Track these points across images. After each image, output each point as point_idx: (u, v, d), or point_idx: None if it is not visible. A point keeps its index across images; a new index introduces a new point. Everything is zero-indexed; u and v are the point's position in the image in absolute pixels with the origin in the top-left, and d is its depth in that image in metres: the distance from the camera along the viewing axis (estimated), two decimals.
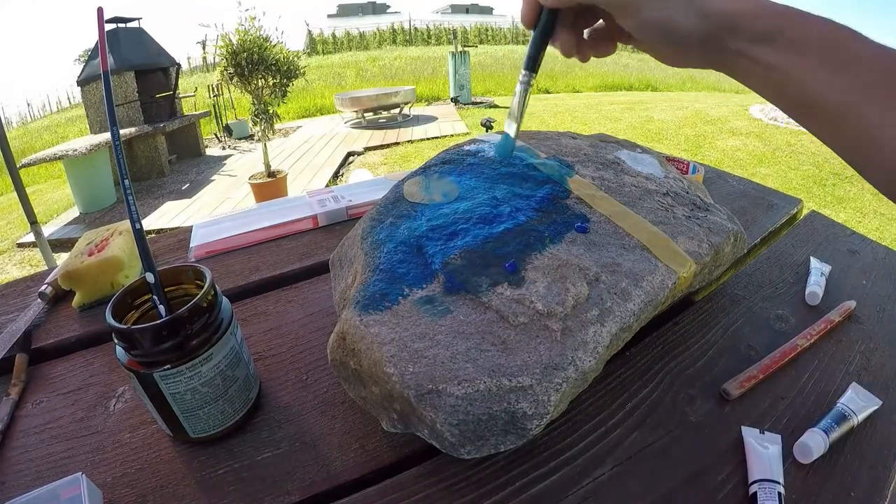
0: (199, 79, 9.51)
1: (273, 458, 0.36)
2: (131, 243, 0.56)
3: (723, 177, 0.78)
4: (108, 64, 0.30)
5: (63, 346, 0.49)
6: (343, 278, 0.42)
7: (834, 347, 0.44)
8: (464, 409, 0.29)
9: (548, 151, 0.52)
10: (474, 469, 0.34)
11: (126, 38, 4.57)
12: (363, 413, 0.38)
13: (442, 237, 0.40)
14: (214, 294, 0.36)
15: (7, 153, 2.09)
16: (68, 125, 8.79)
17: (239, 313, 0.52)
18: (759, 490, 0.31)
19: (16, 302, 0.57)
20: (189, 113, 5.32)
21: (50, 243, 2.40)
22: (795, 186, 3.38)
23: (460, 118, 5.97)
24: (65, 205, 4.13)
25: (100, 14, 0.32)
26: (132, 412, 0.40)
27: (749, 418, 0.37)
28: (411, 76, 9.52)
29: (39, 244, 2.27)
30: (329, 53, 15.50)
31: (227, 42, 3.32)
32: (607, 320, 0.34)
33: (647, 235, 0.40)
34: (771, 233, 0.62)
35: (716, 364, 0.42)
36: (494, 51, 13.24)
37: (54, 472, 0.36)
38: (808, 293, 0.49)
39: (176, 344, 0.32)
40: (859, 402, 0.37)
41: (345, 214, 0.70)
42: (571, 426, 0.37)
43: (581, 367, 0.32)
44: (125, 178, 0.32)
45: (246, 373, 0.38)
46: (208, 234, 0.67)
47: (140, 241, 0.33)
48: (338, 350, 0.35)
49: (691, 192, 0.49)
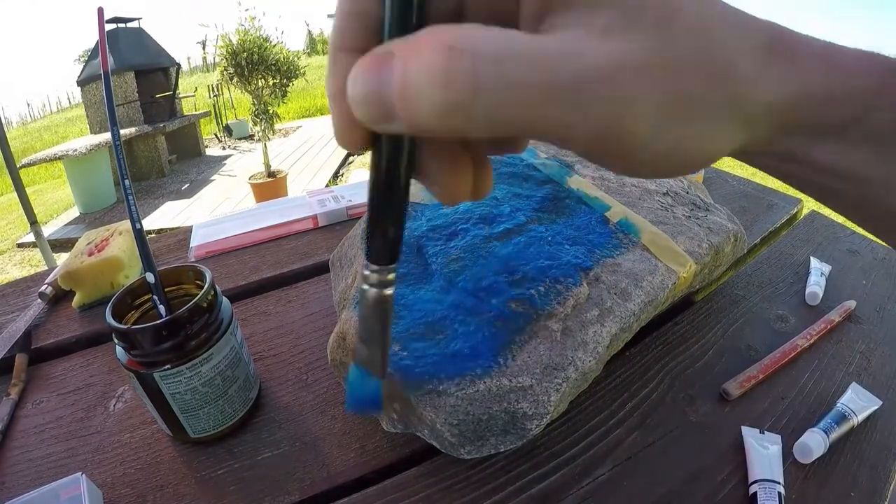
0: (199, 79, 9.51)
1: (273, 458, 0.36)
2: (131, 243, 0.56)
3: (723, 177, 0.78)
4: (108, 64, 0.31)
5: (63, 346, 0.49)
6: (343, 278, 0.42)
7: (834, 347, 0.44)
8: (464, 409, 0.29)
9: (548, 151, 0.52)
10: (474, 469, 0.34)
11: (126, 38, 4.57)
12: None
13: (442, 237, 0.40)
14: (214, 294, 0.36)
15: (7, 153, 2.09)
16: (68, 125, 8.80)
17: (239, 313, 0.52)
18: (759, 490, 0.31)
19: (16, 302, 0.57)
20: (189, 113, 5.32)
21: (50, 243, 2.40)
22: None
23: None
24: (65, 205, 4.13)
25: (100, 14, 0.32)
26: (132, 412, 0.40)
27: (749, 418, 0.37)
28: None
29: (39, 244, 2.27)
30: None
31: (227, 42, 3.32)
32: (607, 320, 0.34)
33: (648, 235, 0.40)
34: (771, 233, 0.62)
35: (716, 364, 0.42)
36: None
37: (54, 472, 0.36)
38: (808, 293, 0.49)
39: (176, 344, 0.32)
40: (859, 402, 0.37)
41: (345, 214, 0.70)
42: (571, 426, 0.37)
43: (581, 368, 0.32)
44: (125, 178, 0.32)
45: (246, 373, 0.38)
46: (208, 234, 0.67)
47: (140, 241, 0.33)
48: (338, 350, 0.35)
49: (691, 192, 0.49)
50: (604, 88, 0.12)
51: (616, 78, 0.12)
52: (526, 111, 0.12)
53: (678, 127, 0.13)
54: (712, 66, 0.13)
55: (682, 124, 0.13)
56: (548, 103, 0.12)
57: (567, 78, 0.12)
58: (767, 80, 0.14)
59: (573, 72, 0.12)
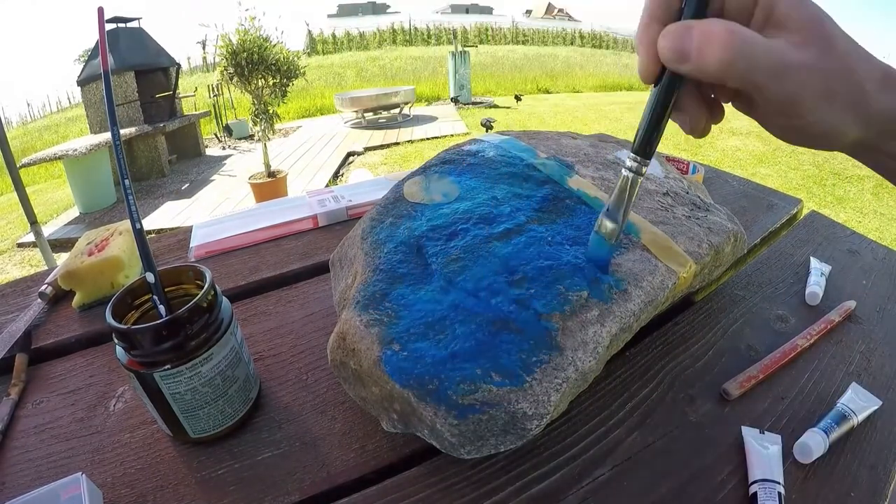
0: (199, 79, 9.52)
1: (273, 458, 0.36)
2: (131, 243, 0.56)
3: (723, 177, 0.78)
4: (108, 64, 0.30)
5: (63, 346, 0.49)
6: (343, 278, 0.42)
7: (834, 347, 0.44)
8: (464, 409, 0.29)
9: (548, 151, 0.52)
10: (474, 469, 0.34)
11: (126, 38, 4.57)
12: (363, 413, 0.38)
13: (442, 237, 0.40)
14: (214, 294, 0.36)
15: (7, 153, 2.09)
16: (68, 125, 8.80)
17: (239, 313, 0.52)
18: (760, 490, 0.31)
19: (16, 302, 0.57)
20: (189, 113, 5.32)
21: (50, 243, 2.40)
22: (795, 186, 3.38)
23: (460, 118, 5.97)
24: (65, 205, 4.13)
25: (100, 14, 0.32)
26: (132, 412, 0.40)
27: (749, 418, 0.37)
28: (411, 76, 9.53)
29: (39, 244, 2.27)
30: (329, 53, 15.51)
31: (227, 42, 3.32)
32: (607, 320, 0.34)
33: (648, 235, 0.40)
34: (771, 233, 0.62)
35: (716, 364, 0.42)
36: (494, 51, 13.25)
37: (54, 472, 0.36)
38: (808, 293, 0.49)
39: (176, 344, 0.32)
40: (859, 402, 0.37)
41: (345, 214, 0.70)
42: (571, 426, 0.37)
43: (581, 368, 0.32)
44: (125, 178, 0.32)
45: (246, 373, 0.38)
46: (208, 234, 0.67)
47: (140, 241, 0.33)
48: (338, 350, 0.35)
49: (691, 192, 0.49)
50: (794, 76, 0.21)
51: (801, 72, 0.21)
52: (757, 75, 0.21)
53: (824, 108, 0.22)
54: (848, 77, 0.21)
55: (826, 107, 0.22)
56: (766, 74, 0.21)
57: (779, 65, 0.21)
58: (880, 97, 0.22)
59: (782, 62, 0.21)
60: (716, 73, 0.21)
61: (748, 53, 0.20)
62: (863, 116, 0.22)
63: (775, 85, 0.21)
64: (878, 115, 0.22)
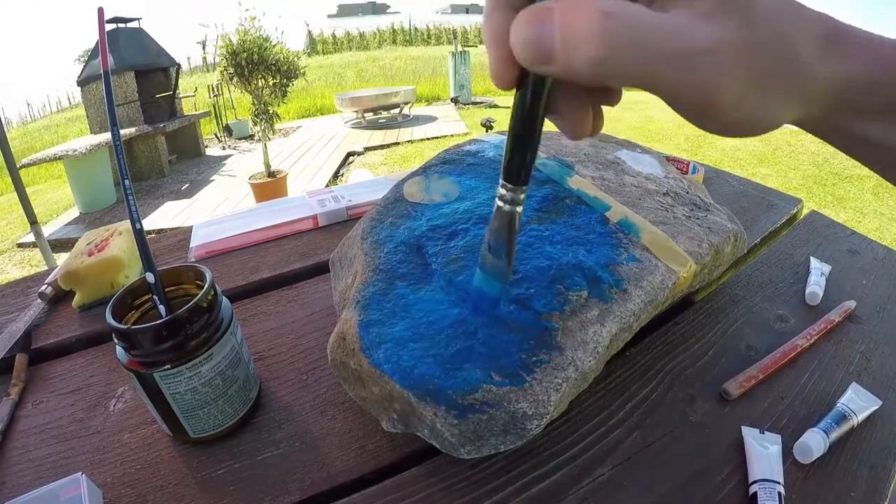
0: (199, 79, 9.51)
1: (273, 458, 0.36)
2: (131, 243, 0.56)
3: (723, 177, 0.78)
4: (108, 64, 0.30)
5: (63, 346, 0.49)
6: (343, 278, 0.42)
7: (834, 347, 0.44)
8: (464, 409, 0.29)
9: (547, 151, 0.52)
10: (474, 469, 0.34)
11: (126, 38, 4.57)
12: (363, 413, 0.38)
13: (442, 237, 0.40)
14: (214, 294, 0.36)
15: (7, 153, 2.09)
16: (68, 125, 8.80)
17: (239, 313, 0.52)
18: (760, 490, 0.31)
19: (16, 302, 0.57)
20: (189, 113, 5.32)
21: (50, 243, 2.40)
22: (795, 186, 3.38)
23: (460, 118, 5.97)
24: (65, 205, 4.13)
25: (100, 14, 0.32)
26: (132, 412, 0.40)
27: (749, 418, 0.37)
28: (411, 76, 9.52)
29: (39, 244, 2.27)
30: (329, 53, 15.51)
31: (227, 42, 3.32)
32: (607, 320, 0.34)
33: (647, 235, 0.40)
34: (771, 233, 0.62)
35: (716, 364, 0.42)
36: None
37: (54, 472, 0.36)
38: (808, 293, 0.49)
39: (176, 344, 0.32)
40: (859, 402, 0.37)
41: (345, 214, 0.70)
42: (571, 426, 0.37)
43: (581, 367, 0.32)
44: (125, 178, 0.32)
45: (246, 373, 0.38)
46: (208, 234, 0.67)
47: (140, 241, 0.33)
48: (338, 350, 0.35)
49: (691, 192, 0.49)
50: (708, 61, 0.15)
51: (716, 54, 0.15)
52: (650, 70, 0.15)
53: (756, 96, 0.16)
54: (781, 50, 0.16)
55: (758, 95, 0.16)
56: (665, 66, 0.15)
57: (682, 50, 0.15)
58: (823, 66, 0.16)
59: (686, 45, 0.15)
60: (590, 74, 0.15)
61: (635, 41, 0.14)
62: (801, 93, 0.17)
63: (679, 78, 0.15)
64: (823, 88, 0.17)
